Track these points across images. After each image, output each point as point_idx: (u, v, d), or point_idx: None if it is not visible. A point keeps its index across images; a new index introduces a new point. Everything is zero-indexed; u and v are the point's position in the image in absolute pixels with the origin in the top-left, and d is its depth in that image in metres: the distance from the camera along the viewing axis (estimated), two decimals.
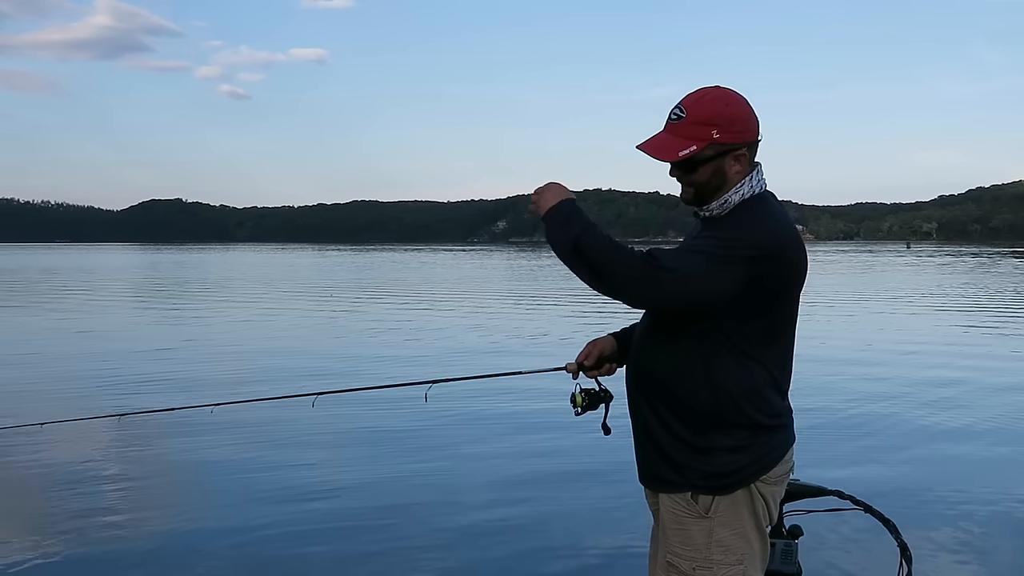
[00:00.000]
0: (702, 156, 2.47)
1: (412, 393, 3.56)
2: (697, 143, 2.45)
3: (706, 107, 2.48)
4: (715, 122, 2.45)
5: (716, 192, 2.52)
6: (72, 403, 9.99)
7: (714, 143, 2.45)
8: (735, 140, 2.46)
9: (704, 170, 2.49)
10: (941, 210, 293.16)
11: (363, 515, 6.01)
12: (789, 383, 2.64)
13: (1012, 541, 5.57)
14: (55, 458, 7.39)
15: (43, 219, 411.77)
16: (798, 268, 2.49)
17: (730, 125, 2.46)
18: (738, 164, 2.49)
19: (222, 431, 8.21)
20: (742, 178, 2.50)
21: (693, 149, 2.46)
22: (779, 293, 2.45)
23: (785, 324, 2.53)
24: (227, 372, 12.94)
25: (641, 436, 2.64)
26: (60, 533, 5.62)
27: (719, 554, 2.50)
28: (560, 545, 5.47)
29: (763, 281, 2.38)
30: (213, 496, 6.51)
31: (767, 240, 2.41)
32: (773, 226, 2.46)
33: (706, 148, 2.46)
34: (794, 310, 2.56)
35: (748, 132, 2.49)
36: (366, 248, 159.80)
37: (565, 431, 7.94)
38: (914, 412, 9.58)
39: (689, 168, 2.51)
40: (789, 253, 2.45)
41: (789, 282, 2.48)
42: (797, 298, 2.55)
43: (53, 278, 45.04)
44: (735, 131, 2.46)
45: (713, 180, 2.50)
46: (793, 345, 2.60)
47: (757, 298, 2.40)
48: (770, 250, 2.40)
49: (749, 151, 2.51)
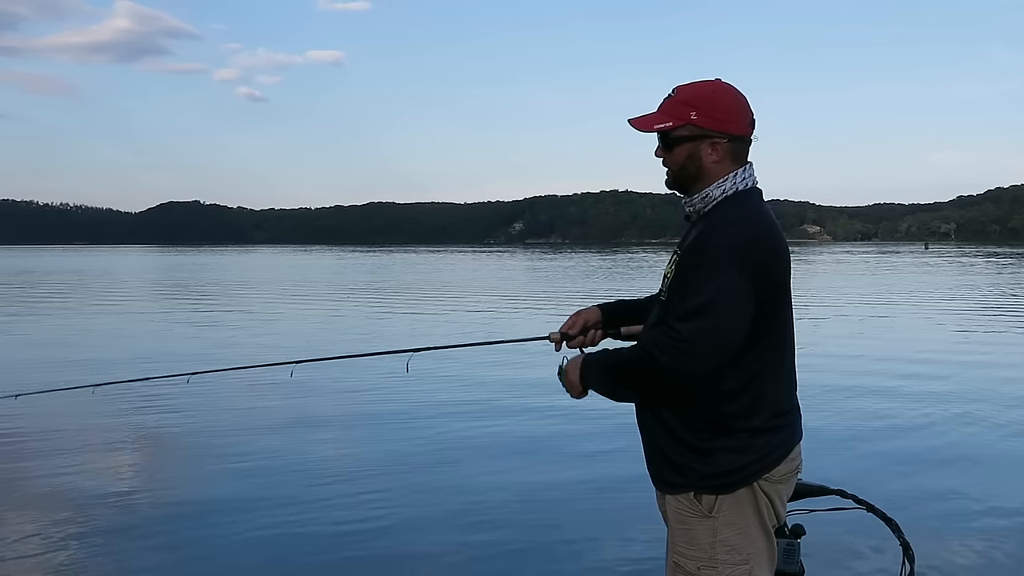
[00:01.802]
0: (678, 135, 2.53)
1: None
2: (674, 120, 2.53)
3: (692, 89, 2.55)
4: (695, 104, 2.51)
5: (694, 181, 2.56)
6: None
7: (691, 124, 2.51)
8: (712, 126, 2.50)
9: (680, 150, 2.55)
10: (959, 210, 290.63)
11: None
12: (793, 382, 2.65)
13: (1015, 541, 5.57)
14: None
15: (62, 221, 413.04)
16: (779, 267, 2.49)
17: (710, 110, 2.51)
18: (715, 153, 2.52)
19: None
20: (724, 172, 2.52)
21: (669, 125, 2.53)
22: (765, 291, 2.44)
23: (780, 322, 2.53)
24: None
25: (646, 439, 2.66)
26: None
27: (724, 553, 2.51)
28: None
29: (751, 281, 2.39)
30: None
31: (746, 242, 2.42)
32: (748, 225, 2.46)
33: (682, 127, 2.52)
34: (786, 308, 2.56)
35: (730, 123, 2.52)
36: (386, 249, 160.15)
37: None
38: (917, 412, 9.60)
39: (667, 147, 2.57)
40: (768, 253, 2.46)
41: (774, 281, 2.47)
42: (786, 296, 2.56)
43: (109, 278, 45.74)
44: (714, 117, 2.51)
45: (689, 165, 2.55)
46: (792, 344, 2.61)
47: (759, 304, 2.42)
48: (749, 251, 2.41)
49: (732, 144, 2.53)
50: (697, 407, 2.50)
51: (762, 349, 2.49)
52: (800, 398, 2.69)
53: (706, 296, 2.37)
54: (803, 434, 2.68)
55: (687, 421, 2.52)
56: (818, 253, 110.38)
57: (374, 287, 37.72)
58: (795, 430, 2.64)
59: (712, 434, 2.50)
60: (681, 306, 2.43)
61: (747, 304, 2.39)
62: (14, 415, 8.62)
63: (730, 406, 2.48)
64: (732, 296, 2.37)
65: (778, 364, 2.56)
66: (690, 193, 2.60)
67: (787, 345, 2.59)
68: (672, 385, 2.45)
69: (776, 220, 2.57)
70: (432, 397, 10.29)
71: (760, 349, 2.48)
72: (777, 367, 2.56)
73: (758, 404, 2.51)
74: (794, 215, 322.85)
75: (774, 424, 2.54)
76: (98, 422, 8.89)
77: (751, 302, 2.39)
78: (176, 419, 9.14)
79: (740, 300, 2.38)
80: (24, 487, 6.82)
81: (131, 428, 8.80)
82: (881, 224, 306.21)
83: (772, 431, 2.54)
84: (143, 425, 8.91)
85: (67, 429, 8.57)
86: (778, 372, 2.56)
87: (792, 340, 2.62)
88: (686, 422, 2.52)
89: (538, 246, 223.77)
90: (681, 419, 2.53)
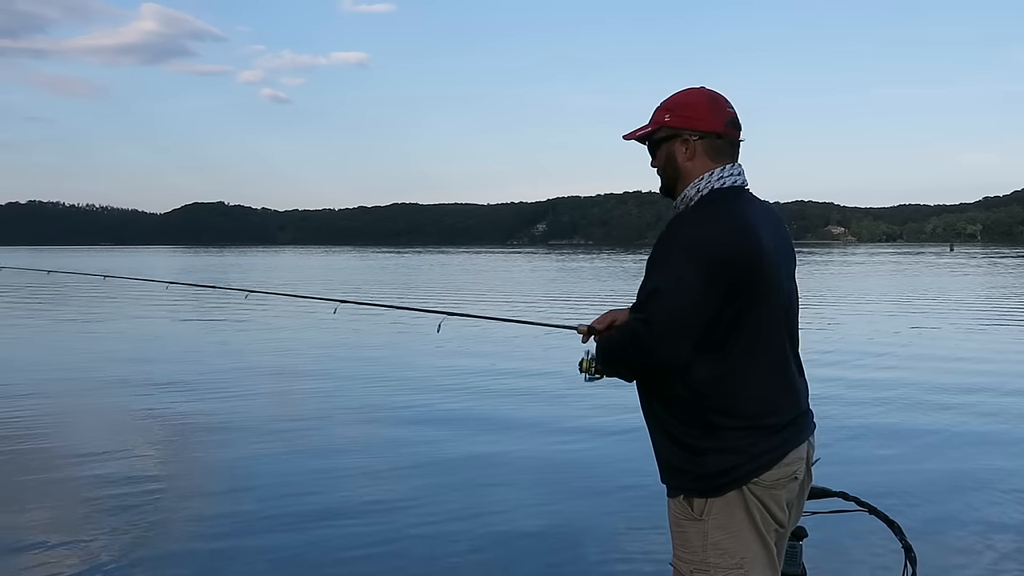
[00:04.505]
0: (657, 138, 2.70)
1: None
2: (652, 125, 2.69)
3: (672, 96, 2.71)
4: (669, 107, 2.68)
5: (676, 183, 2.68)
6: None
7: (665, 125, 2.66)
8: (682, 124, 2.64)
9: (660, 154, 2.71)
10: (986, 212, 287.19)
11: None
12: (790, 385, 2.66)
13: (1017, 544, 5.58)
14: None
15: (88, 222, 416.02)
16: (748, 264, 2.51)
17: (681, 109, 2.65)
18: (688, 151, 2.63)
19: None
20: (700, 171, 2.62)
21: (648, 130, 2.70)
22: (728, 286, 2.48)
23: (755, 319, 2.54)
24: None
25: (653, 443, 2.72)
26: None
27: (715, 557, 2.54)
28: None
29: (707, 273, 2.45)
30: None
31: (704, 237, 2.49)
32: (710, 221, 2.53)
33: (659, 130, 2.68)
34: (765, 306, 2.57)
35: (699, 120, 2.63)
36: (412, 250, 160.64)
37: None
38: (920, 415, 9.64)
39: (652, 153, 2.74)
40: (730, 249, 2.48)
41: (742, 277, 2.50)
42: (767, 295, 2.57)
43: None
44: (685, 115, 2.64)
45: (668, 167, 2.69)
46: (785, 345, 2.64)
47: (721, 299, 2.47)
48: (707, 246, 2.47)
49: (705, 142, 2.63)
50: (681, 402, 2.57)
51: (735, 344, 2.53)
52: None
53: (653, 284, 2.52)
54: (804, 440, 2.66)
55: (676, 416, 2.59)
56: (840, 254, 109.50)
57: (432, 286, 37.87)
58: (793, 434, 2.63)
59: (701, 431, 2.55)
60: (638, 295, 2.58)
61: (697, 293, 2.46)
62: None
63: (710, 401, 2.54)
64: (679, 284, 2.47)
65: (760, 362, 2.58)
66: (675, 196, 2.71)
67: (772, 343, 2.61)
68: (644, 365, 2.59)
69: (758, 218, 2.60)
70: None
71: (733, 344, 2.52)
72: (760, 365, 2.58)
73: (740, 401, 2.55)
74: (818, 216, 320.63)
75: (761, 424, 2.56)
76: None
77: (703, 293, 2.46)
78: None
79: (688, 288, 2.46)
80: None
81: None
82: (906, 225, 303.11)
83: (759, 432, 2.55)
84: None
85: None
86: (763, 371, 2.58)
87: (783, 340, 2.65)
88: (676, 417, 2.59)
89: (561, 247, 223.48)
90: (671, 414, 2.60)
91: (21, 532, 5.78)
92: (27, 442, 8.34)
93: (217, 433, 8.85)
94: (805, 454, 2.68)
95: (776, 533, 2.65)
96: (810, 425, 2.74)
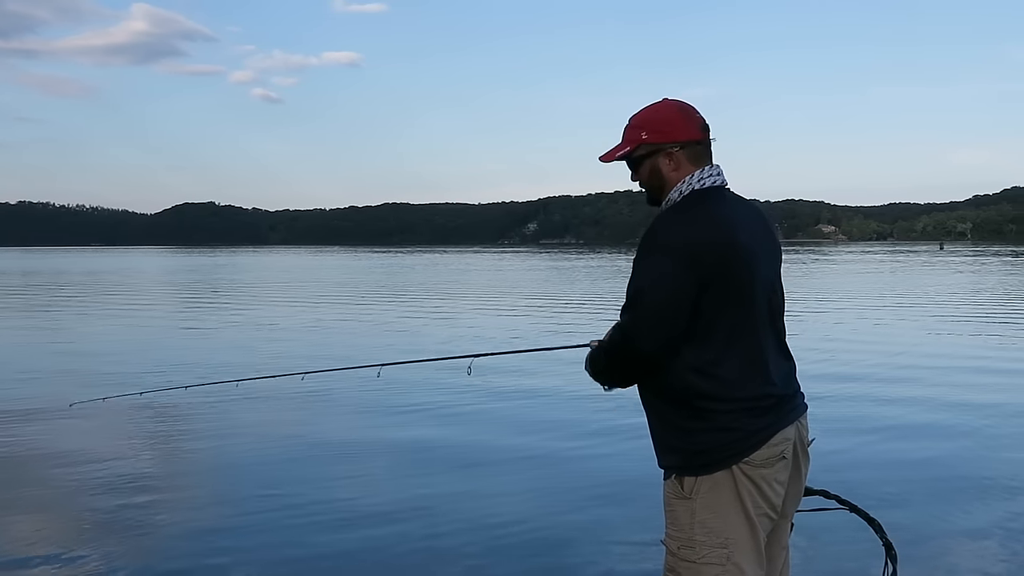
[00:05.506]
0: (637, 155, 2.82)
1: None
2: (630, 144, 2.82)
3: (641, 113, 2.85)
4: (643, 125, 2.81)
5: (660, 192, 2.82)
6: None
7: (643, 143, 2.79)
8: (662, 140, 2.77)
9: (643, 169, 2.84)
10: (976, 210, 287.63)
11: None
12: (777, 367, 2.78)
13: (999, 539, 5.61)
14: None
15: (78, 223, 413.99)
16: (728, 258, 2.63)
17: (656, 126, 2.78)
18: (672, 162, 2.77)
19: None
20: (683, 176, 2.77)
21: (627, 150, 2.83)
22: (709, 278, 2.60)
23: (738, 308, 2.67)
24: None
25: (648, 425, 2.86)
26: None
27: (701, 535, 2.66)
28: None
29: (688, 268, 2.58)
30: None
31: (682, 234, 2.64)
32: (687, 218, 2.68)
33: (637, 148, 2.81)
34: (752, 301, 2.70)
35: (676, 132, 2.77)
36: (404, 250, 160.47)
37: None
38: (902, 411, 9.70)
39: (633, 169, 2.86)
40: (709, 244, 2.62)
41: (722, 270, 2.62)
42: (750, 286, 2.69)
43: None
44: (662, 131, 2.78)
45: (653, 179, 2.83)
46: (767, 332, 2.77)
47: (699, 291, 2.60)
48: (686, 243, 2.61)
49: (686, 150, 2.77)
50: (671, 390, 2.70)
51: (717, 333, 2.65)
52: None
53: (637, 281, 2.67)
54: (792, 421, 2.77)
55: (668, 403, 2.73)
56: (827, 253, 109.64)
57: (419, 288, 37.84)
58: (781, 415, 2.74)
59: (691, 413, 2.68)
60: (626, 294, 2.70)
61: (680, 287, 2.60)
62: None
63: (696, 387, 2.66)
64: (660, 279, 2.61)
65: (742, 349, 2.69)
66: (660, 203, 2.84)
67: (754, 332, 2.72)
68: (633, 362, 2.71)
69: (735, 215, 2.75)
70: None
71: (715, 333, 2.65)
72: (742, 352, 2.69)
73: (725, 385, 2.66)
74: (809, 215, 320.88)
75: (752, 406, 2.67)
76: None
77: (682, 286, 2.59)
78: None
79: (668, 282, 2.60)
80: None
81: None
82: (897, 224, 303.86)
83: (749, 413, 2.67)
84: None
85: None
86: (746, 357, 2.69)
87: (765, 328, 2.76)
88: (668, 403, 2.73)
89: (553, 247, 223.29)
90: (664, 401, 2.74)
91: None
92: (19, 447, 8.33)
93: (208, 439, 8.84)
94: (794, 434, 2.79)
95: (767, 519, 2.74)
96: (799, 406, 2.86)
